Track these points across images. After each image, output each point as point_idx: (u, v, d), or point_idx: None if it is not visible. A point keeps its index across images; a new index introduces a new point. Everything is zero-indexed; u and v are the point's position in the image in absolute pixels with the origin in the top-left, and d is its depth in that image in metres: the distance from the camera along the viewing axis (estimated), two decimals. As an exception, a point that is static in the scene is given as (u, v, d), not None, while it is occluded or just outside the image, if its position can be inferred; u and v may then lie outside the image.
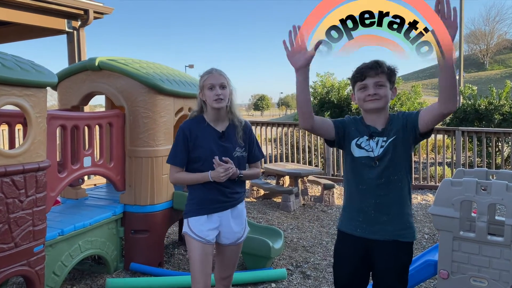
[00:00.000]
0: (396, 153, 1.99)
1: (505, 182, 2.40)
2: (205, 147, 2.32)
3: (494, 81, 33.59)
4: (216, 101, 2.28)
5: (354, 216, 2.07)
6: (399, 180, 2.00)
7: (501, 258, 2.40)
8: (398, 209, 2.00)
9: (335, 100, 11.18)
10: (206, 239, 2.33)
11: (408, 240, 2.01)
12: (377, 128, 2.03)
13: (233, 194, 2.40)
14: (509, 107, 9.64)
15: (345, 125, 2.11)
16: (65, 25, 7.96)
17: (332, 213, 5.71)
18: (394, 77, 2.03)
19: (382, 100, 1.99)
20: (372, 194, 2.00)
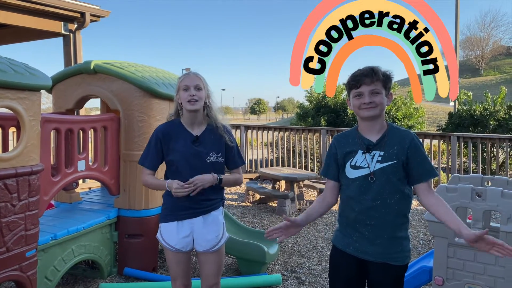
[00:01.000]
0: (394, 177, 1.94)
1: (500, 189, 2.40)
2: (177, 150, 2.28)
3: (489, 86, 33.79)
4: (189, 102, 2.22)
5: (348, 233, 2.05)
6: (396, 203, 1.95)
7: (496, 264, 2.40)
8: (392, 232, 1.96)
9: (331, 104, 11.20)
10: (175, 247, 2.32)
11: (398, 264, 1.96)
12: (372, 140, 1.99)
13: (205, 201, 2.32)
14: (504, 113, 9.70)
15: (337, 154, 2.07)
16: (62, 28, 7.94)
17: (328, 218, 5.70)
18: (389, 83, 2.00)
19: (377, 108, 1.96)
20: (367, 216, 1.97)
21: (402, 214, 1.98)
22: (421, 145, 1.97)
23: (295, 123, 12.16)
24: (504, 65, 49.97)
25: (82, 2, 7.89)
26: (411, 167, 1.93)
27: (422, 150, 1.95)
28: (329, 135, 8.45)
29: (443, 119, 23.46)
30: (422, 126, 12.59)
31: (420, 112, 12.26)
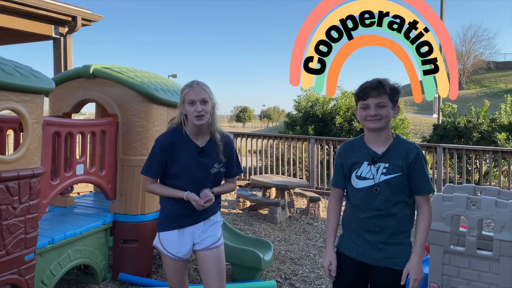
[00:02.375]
0: (399, 189, 2.01)
1: (494, 198, 2.49)
2: (183, 163, 2.26)
3: (471, 100, 34.52)
4: (196, 117, 2.21)
5: (352, 238, 2.12)
6: (398, 213, 2.01)
7: (490, 272, 2.48)
8: (395, 238, 2.03)
9: (319, 114, 11.32)
10: (177, 255, 2.31)
11: (401, 268, 2.01)
12: (378, 153, 2.05)
13: (206, 208, 2.31)
14: (487, 125, 9.95)
15: (344, 165, 2.15)
16: (52, 31, 7.88)
17: (318, 226, 5.76)
18: (396, 96, 2.06)
19: (383, 120, 2.02)
20: (371, 224, 2.04)
21: (406, 222, 2.05)
22: (425, 160, 2.05)
23: (283, 131, 12.24)
24: (485, 79, 51.23)
25: (74, 6, 7.86)
26: (412, 180, 2.02)
27: (424, 166, 2.03)
28: (317, 144, 8.55)
29: (425, 131, 23.87)
30: (407, 137, 12.82)
31: (405, 123, 12.48)
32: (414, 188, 2.03)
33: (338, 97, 12.03)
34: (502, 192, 2.93)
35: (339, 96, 12.09)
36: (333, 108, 11.45)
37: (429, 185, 2.02)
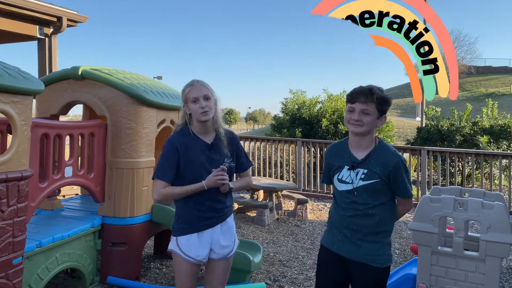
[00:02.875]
0: (376, 194, 2.12)
1: (481, 200, 2.55)
2: (195, 161, 2.28)
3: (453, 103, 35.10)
4: (202, 114, 2.24)
5: (334, 233, 2.24)
6: (376, 214, 2.11)
7: (476, 272, 2.53)
8: (372, 237, 2.12)
9: (306, 116, 11.39)
10: (197, 259, 2.31)
11: (378, 266, 2.11)
12: (358, 158, 2.14)
13: (223, 208, 2.36)
14: (469, 129, 10.15)
15: (329, 166, 2.28)
16: (37, 32, 7.77)
17: (306, 228, 5.79)
18: (384, 106, 2.11)
19: (363, 127, 2.08)
20: (350, 221, 2.15)
21: (384, 222, 2.15)
22: (404, 168, 2.13)
23: (270, 134, 12.27)
24: (466, 84, 52.21)
25: (59, 7, 7.76)
26: (392, 185, 2.13)
27: (404, 173, 2.12)
28: (304, 146, 8.60)
29: (409, 133, 24.20)
30: (391, 140, 12.98)
31: (390, 126, 12.64)
32: (394, 191, 2.16)
33: (324, 100, 12.13)
34: (487, 194, 3.00)
35: (325, 99, 12.19)
36: (319, 111, 11.53)
37: (408, 191, 2.15)
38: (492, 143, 9.75)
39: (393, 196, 2.18)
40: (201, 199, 2.29)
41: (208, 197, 2.29)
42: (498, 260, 2.48)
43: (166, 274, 3.95)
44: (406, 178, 2.12)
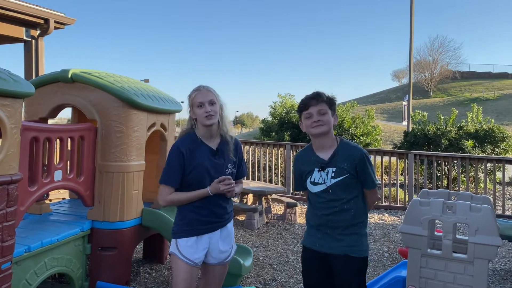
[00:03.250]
0: (349, 188, 2.28)
1: (469, 203, 2.60)
2: (200, 165, 2.31)
3: (438, 108, 35.68)
4: (207, 118, 2.28)
5: (313, 233, 2.38)
6: (351, 208, 2.28)
7: (465, 274, 2.57)
8: (350, 230, 2.29)
9: (295, 120, 11.44)
10: (195, 261, 2.32)
11: (357, 256, 2.28)
12: (324, 159, 2.31)
13: (224, 214, 2.40)
14: (455, 133, 10.31)
15: (300, 172, 2.41)
16: (23, 34, 7.68)
17: (295, 231, 5.81)
18: (334, 105, 2.32)
19: (325, 125, 2.26)
20: (328, 219, 2.30)
21: (360, 214, 2.32)
22: (368, 160, 2.32)
23: (259, 137, 12.30)
24: (451, 88, 53.08)
25: (46, 9, 7.69)
26: (359, 178, 2.31)
27: (367, 166, 2.31)
28: (293, 150, 8.64)
29: (395, 137, 24.50)
30: (378, 144, 13.12)
31: (377, 130, 12.77)
32: (362, 184, 2.32)
33: (312, 104, 12.20)
34: (475, 197, 3.05)
35: (313, 103, 12.26)
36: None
37: (373, 182, 2.33)
38: (477, 147, 9.92)
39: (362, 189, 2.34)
40: (202, 204, 2.32)
41: (209, 202, 2.33)
42: (486, 262, 2.53)
43: (155, 278, 3.93)
44: (370, 169, 2.31)
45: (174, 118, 4.19)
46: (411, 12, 18.26)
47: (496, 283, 4.09)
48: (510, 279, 4.23)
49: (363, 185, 2.31)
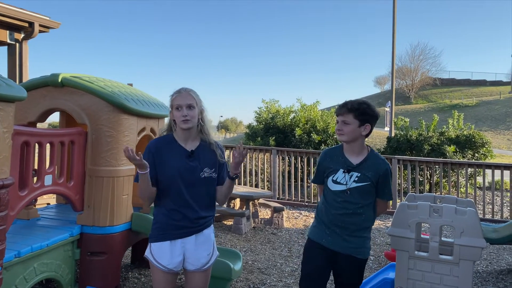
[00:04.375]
0: (366, 195, 2.44)
1: (454, 206, 2.68)
2: (171, 165, 2.29)
3: (419, 114, 36.32)
4: (183, 121, 2.27)
5: (323, 228, 2.51)
6: (363, 213, 2.45)
7: (451, 275, 2.65)
8: (358, 233, 2.48)
9: (280, 125, 11.52)
10: (168, 267, 2.30)
11: (361, 257, 2.48)
12: (353, 163, 2.45)
13: (198, 219, 2.34)
14: (437, 138, 10.53)
15: (324, 168, 2.54)
16: (7, 37, 7.58)
17: (282, 236, 5.86)
18: (363, 116, 2.41)
19: (345, 135, 2.42)
20: (340, 219, 2.46)
21: (368, 220, 2.49)
22: (390, 174, 2.52)
23: (244, 142, 12.33)
24: (431, 95, 54.09)
25: (31, 12, 7.61)
26: (378, 188, 2.46)
27: (389, 179, 2.48)
28: (279, 155, 8.70)
29: (378, 143, 24.82)
30: (362, 149, 13.30)
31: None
32: (379, 194, 2.49)
33: (298, 110, 12.31)
34: (459, 201, 3.14)
35: (298, 108, 12.38)
36: (293, 120, 11.69)
37: (390, 194, 2.52)
38: (458, 152, 10.14)
39: (375, 198, 2.50)
40: (175, 207, 2.30)
41: (182, 205, 2.30)
42: (471, 263, 2.61)
43: (144, 283, 3.92)
44: (390, 183, 2.50)
45: (163, 122, 4.20)
46: (393, 19, 18.59)
47: (479, 285, 4.21)
48: (492, 280, 4.35)
49: (381, 195, 2.47)
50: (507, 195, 8.78)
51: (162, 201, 2.34)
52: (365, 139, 2.48)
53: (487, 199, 8.87)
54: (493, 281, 4.32)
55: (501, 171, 7.32)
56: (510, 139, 29.38)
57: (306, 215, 7.30)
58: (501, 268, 4.78)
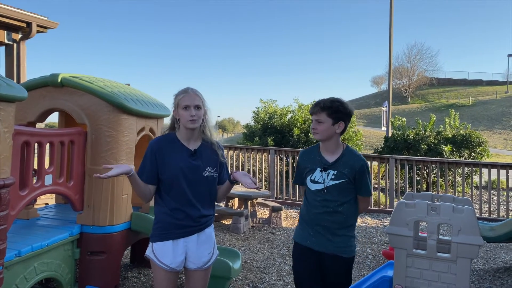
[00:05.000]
0: (344, 192, 2.45)
1: (452, 204, 2.70)
2: (174, 164, 2.30)
3: (416, 113, 36.44)
4: (190, 121, 2.28)
5: (306, 229, 2.52)
6: (344, 211, 2.46)
7: (449, 272, 2.68)
8: (341, 231, 2.48)
9: (277, 125, 11.54)
10: (170, 266, 2.31)
11: (346, 256, 2.48)
12: (329, 161, 2.47)
13: (200, 218, 2.36)
14: (434, 138, 10.59)
15: (302, 168, 2.55)
16: (5, 37, 7.57)
17: (281, 235, 5.88)
18: (336, 114, 2.41)
19: (319, 134, 2.44)
20: (321, 218, 2.46)
21: (350, 218, 2.50)
22: (367, 170, 2.50)
23: (242, 142, 12.35)
24: (428, 95, 54.28)
25: (28, 12, 7.60)
26: (356, 185, 2.49)
27: (366, 175, 2.49)
28: (277, 155, 8.73)
29: (375, 143, 24.92)
30: (359, 149, 13.35)
31: (358, 135, 12.99)
32: (358, 190, 2.50)
33: (295, 110, 12.33)
34: (457, 199, 3.17)
35: (296, 108, 12.40)
36: (291, 120, 11.72)
37: (368, 190, 2.52)
38: (455, 151, 10.20)
39: (356, 195, 2.51)
40: (177, 206, 2.31)
41: (184, 204, 2.31)
42: (468, 261, 2.63)
43: (144, 283, 3.93)
44: (368, 179, 2.49)
45: (162, 122, 4.22)
46: (390, 19, 18.65)
47: (476, 283, 4.24)
48: (488, 278, 4.39)
49: (358, 192, 2.48)
50: (503, 194, 8.84)
51: (163, 200, 2.35)
52: (341, 137, 2.50)
53: (484, 198, 8.92)
54: (490, 279, 4.36)
55: (497, 170, 7.37)
56: (506, 138, 29.56)
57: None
58: (498, 266, 4.82)
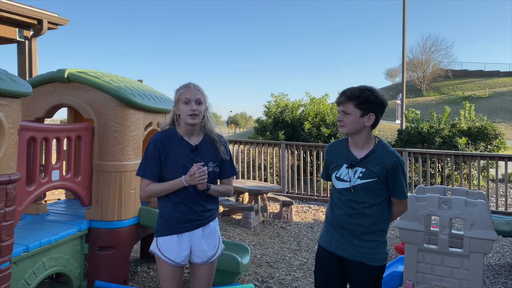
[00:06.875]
0: (373, 193, 2.13)
1: (464, 198, 2.63)
2: (176, 161, 2.28)
3: (431, 106, 35.89)
4: (190, 116, 2.25)
5: (331, 233, 2.26)
6: (372, 214, 2.13)
7: (461, 268, 2.61)
8: (368, 236, 2.15)
9: (288, 120, 11.46)
10: (175, 261, 2.30)
11: (374, 264, 2.15)
12: (357, 157, 2.17)
13: (204, 212, 2.34)
14: (448, 131, 10.39)
15: (329, 164, 2.31)
16: (17, 34, 7.64)
17: (291, 230, 5.84)
18: (366, 104, 2.09)
19: (345, 127, 2.14)
20: (346, 221, 2.18)
21: (381, 222, 2.16)
22: (402, 168, 2.13)
23: (253, 137, 12.30)
24: (443, 87, 53.41)
25: (39, 9, 7.66)
26: (389, 186, 2.14)
27: (400, 174, 2.13)
28: (288, 149, 8.67)
29: (389, 136, 24.63)
30: (373, 142, 13.18)
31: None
32: (390, 192, 2.16)
33: (307, 103, 12.23)
34: (470, 193, 3.09)
35: (307, 102, 12.30)
36: (302, 114, 11.61)
37: (403, 192, 2.15)
38: (470, 144, 9.99)
39: (389, 197, 2.18)
40: (181, 200, 2.29)
41: (188, 198, 2.29)
42: (482, 256, 2.56)
43: (153, 277, 3.93)
44: (403, 179, 2.13)
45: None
46: (403, 11, 18.35)
47: (491, 278, 4.14)
48: (504, 274, 4.28)
49: (392, 193, 2.15)
50: (520, 187, 8.63)
51: (167, 195, 2.32)
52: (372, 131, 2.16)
53: (500, 192, 8.74)
54: (506, 274, 4.26)
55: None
56: (524, 130, 28.94)
57: (315, 209, 7.27)
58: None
